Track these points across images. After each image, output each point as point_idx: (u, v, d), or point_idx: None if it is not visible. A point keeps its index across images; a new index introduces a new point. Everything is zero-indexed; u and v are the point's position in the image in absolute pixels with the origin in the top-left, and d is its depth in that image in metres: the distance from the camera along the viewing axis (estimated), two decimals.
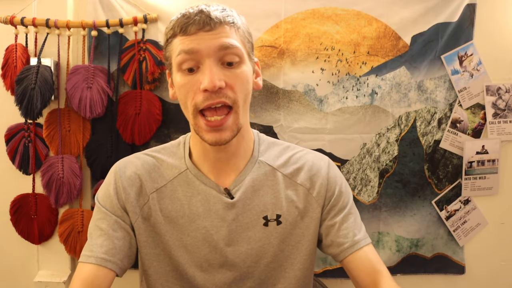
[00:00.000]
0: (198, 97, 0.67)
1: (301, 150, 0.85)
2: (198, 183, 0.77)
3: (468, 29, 1.31)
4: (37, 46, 1.30)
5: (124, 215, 0.76)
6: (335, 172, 0.84)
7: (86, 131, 1.32)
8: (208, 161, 0.77)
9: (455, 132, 1.34)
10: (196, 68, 0.68)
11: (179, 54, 0.67)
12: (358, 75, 1.31)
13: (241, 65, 0.70)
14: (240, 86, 0.69)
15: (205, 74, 0.66)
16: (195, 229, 0.76)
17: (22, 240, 1.33)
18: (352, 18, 1.30)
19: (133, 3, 1.30)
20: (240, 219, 0.77)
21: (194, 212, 0.76)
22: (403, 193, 1.34)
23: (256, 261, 0.78)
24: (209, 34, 0.66)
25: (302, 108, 1.31)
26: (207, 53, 0.66)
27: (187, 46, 0.66)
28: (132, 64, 1.29)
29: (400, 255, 1.36)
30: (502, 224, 1.38)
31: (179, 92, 0.71)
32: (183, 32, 0.67)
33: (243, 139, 0.78)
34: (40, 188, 1.31)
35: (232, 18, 0.69)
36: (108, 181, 0.79)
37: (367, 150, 1.33)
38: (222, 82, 0.66)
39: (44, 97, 1.22)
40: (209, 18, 0.66)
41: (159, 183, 0.78)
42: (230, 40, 0.67)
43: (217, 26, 0.67)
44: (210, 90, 0.65)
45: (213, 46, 0.66)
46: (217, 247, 0.76)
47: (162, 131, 1.32)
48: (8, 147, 1.31)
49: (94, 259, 0.70)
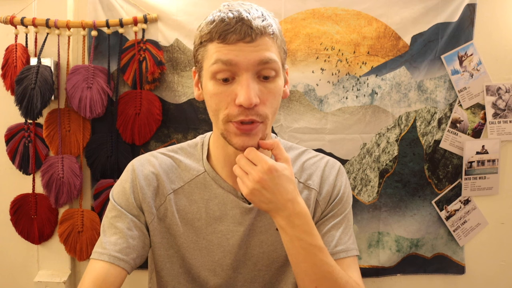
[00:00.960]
0: (232, 109, 0.65)
1: (316, 155, 0.86)
2: (216, 186, 0.77)
3: (468, 29, 1.31)
4: (37, 46, 1.30)
5: (140, 215, 0.75)
6: (342, 180, 0.85)
7: (86, 131, 1.32)
8: (228, 165, 0.76)
9: (455, 132, 1.34)
10: (231, 79, 0.65)
11: (215, 63, 0.65)
12: (358, 75, 1.31)
13: (276, 79, 0.68)
14: (272, 101, 0.68)
15: (241, 88, 0.64)
16: (211, 233, 0.76)
17: (22, 240, 1.33)
18: (352, 18, 1.30)
19: (133, 3, 1.30)
20: (255, 224, 0.77)
21: (210, 215, 0.76)
22: (403, 193, 1.34)
23: (267, 265, 0.78)
24: (249, 46, 0.63)
25: (302, 108, 1.31)
26: (246, 67, 0.64)
27: (226, 56, 0.64)
28: (132, 64, 1.29)
29: (400, 255, 1.36)
30: (502, 224, 1.38)
31: (211, 100, 0.68)
32: (221, 39, 0.64)
33: None
34: (40, 188, 1.31)
35: (272, 29, 0.66)
36: (124, 178, 0.77)
37: (367, 150, 1.33)
38: (257, 99, 0.64)
39: (44, 97, 1.22)
40: (250, 29, 0.63)
41: (176, 184, 0.77)
42: (270, 54, 0.65)
43: (257, 38, 0.64)
44: (246, 107, 0.64)
45: (252, 60, 0.63)
46: (231, 251, 0.77)
47: (162, 131, 1.32)
48: (8, 147, 1.31)
49: (107, 256, 0.69)
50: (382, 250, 1.35)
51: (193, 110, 1.30)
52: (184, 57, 1.30)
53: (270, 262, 0.78)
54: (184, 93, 1.31)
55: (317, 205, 0.81)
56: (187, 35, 1.28)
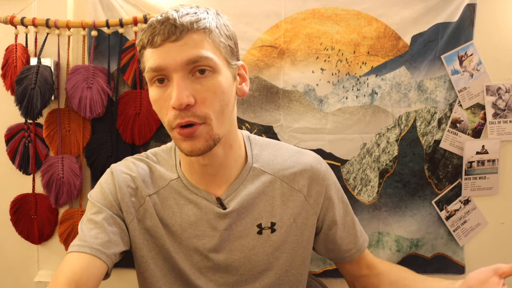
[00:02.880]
0: (170, 113, 0.64)
1: (297, 152, 0.82)
2: (189, 192, 0.75)
3: (468, 29, 1.31)
4: (37, 46, 1.30)
5: (119, 212, 0.73)
6: (332, 178, 0.82)
7: (86, 131, 1.32)
8: (195, 173, 0.75)
9: (455, 132, 1.34)
10: (166, 81, 0.64)
11: (147, 71, 0.64)
12: (358, 75, 1.31)
13: (214, 75, 0.64)
14: (213, 99, 0.64)
15: (172, 91, 0.62)
16: (186, 238, 0.75)
17: (22, 240, 1.34)
18: (352, 18, 1.30)
19: (133, 3, 1.30)
20: (233, 228, 0.75)
21: (185, 220, 0.74)
22: (403, 193, 1.34)
23: (249, 269, 0.76)
24: (176, 45, 0.61)
25: (302, 108, 1.31)
26: (174, 68, 0.61)
27: (154, 62, 0.62)
28: (132, 64, 1.29)
29: (400, 255, 1.36)
30: (502, 224, 1.38)
31: (154, 107, 0.68)
32: (150, 44, 0.63)
33: (231, 149, 0.74)
34: (40, 188, 1.32)
35: (203, 23, 0.62)
36: (103, 180, 0.76)
37: (367, 150, 1.33)
38: (190, 99, 0.61)
39: (44, 97, 1.22)
40: (174, 27, 0.61)
41: (151, 190, 0.75)
42: (200, 51, 0.61)
43: (183, 35, 0.61)
44: (178, 108, 0.61)
45: (179, 61, 0.61)
46: (209, 256, 0.75)
47: (162, 131, 1.32)
48: (8, 147, 1.32)
49: (89, 249, 0.66)
50: (382, 250, 1.35)
51: None
52: None
53: (252, 266, 0.76)
54: None
55: (308, 208, 0.78)
56: None
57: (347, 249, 0.84)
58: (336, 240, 0.83)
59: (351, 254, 0.84)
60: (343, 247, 0.83)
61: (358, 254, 0.85)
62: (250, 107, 1.31)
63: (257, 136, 0.83)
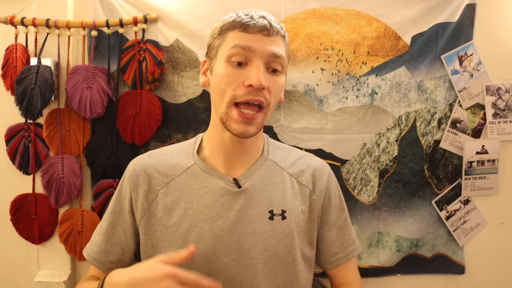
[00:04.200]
0: (240, 90, 0.72)
1: (306, 154, 0.93)
2: (206, 176, 0.82)
3: (468, 29, 1.31)
4: (37, 46, 1.30)
5: (130, 217, 0.84)
6: (334, 182, 0.91)
7: (86, 131, 1.32)
8: (222, 154, 0.82)
9: (455, 132, 1.34)
10: (244, 64, 0.73)
11: (234, 47, 0.72)
12: (358, 75, 1.31)
13: (281, 75, 0.77)
14: (276, 93, 0.76)
15: (253, 72, 0.71)
16: (201, 220, 0.79)
17: (22, 240, 1.33)
18: (352, 18, 1.30)
19: (133, 3, 1.30)
20: (246, 210, 0.80)
21: (201, 204, 0.80)
22: (403, 193, 1.34)
23: (260, 253, 0.80)
24: (266, 38, 0.73)
25: (302, 108, 1.31)
26: (261, 54, 0.72)
27: (245, 42, 0.72)
28: (132, 64, 1.29)
29: (400, 255, 1.36)
30: (502, 224, 1.38)
31: (220, 81, 0.74)
32: (243, 28, 0.73)
33: (257, 139, 0.85)
34: (40, 188, 1.31)
35: (284, 32, 0.78)
36: (122, 178, 0.88)
37: (367, 150, 1.33)
38: (267, 82, 0.72)
39: (44, 97, 1.22)
40: (269, 25, 0.73)
41: (168, 178, 0.83)
42: (281, 51, 0.75)
43: (273, 34, 0.74)
44: (256, 87, 0.71)
45: (267, 50, 0.73)
46: (223, 237, 0.78)
47: (162, 131, 1.32)
48: (8, 147, 1.31)
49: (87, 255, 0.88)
50: (382, 250, 1.35)
51: (193, 110, 1.30)
52: (184, 57, 1.30)
53: (263, 250, 0.80)
54: (184, 93, 1.31)
55: (312, 202, 0.85)
56: (187, 35, 1.28)
57: (334, 252, 0.88)
58: (326, 240, 0.88)
59: (338, 259, 0.88)
60: (331, 249, 0.88)
61: (344, 259, 0.88)
62: None
63: (272, 139, 0.95)
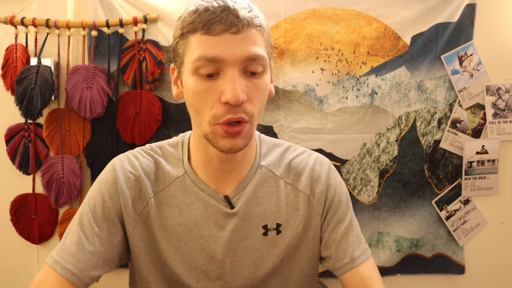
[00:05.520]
0: (218, 108, 0.60)
1: (302, 152, 0.80)
2: (197, 189, 0.72)
3: (468, 29, 1.31)
4: (37, 46, 1.30)
5: (116, 224, 0.70)
6: (335, 178, 0.80)
7: (86, 131, 1.32)
8: (209, 169, 0.72)
9: (455, 132, 1.34)
10: (216, 74, 0.60)
11: (198, 59, 0.59)
12: (358, 75, 1.31)
13: (263, 75, 0.63)
14: (259, 98, 0.63)
15: (227, 85, 0.58)
16: (192, 239, 0.72)
17: (22, 240, 1.33)
18: (352, 18, 1.30)
19: (133, 3, 1.30)
20: (239, 229, 0.72)
21: (192, 220, 0.72)
22: (403, 193, 1.34)
23: (254, 272, 0.74)
24: (236, 37, 0.58)
25: (302, 108, 1.31)
26: (232, 62, 0.58)
27: (210, 52, 0.58)
28: (132, 64, 1.29)
29: (400, 255, 1.35)
30: (502, 224, 1.38)
31: (194, 98, 0.62)
32: (205, 30, 0.58)
33: (249, 148, 0.73)
34: (40, 188, 1.31)
35: (259, 20, 0.61)
36: (104, 179, 0.71)
37: (367, 150, 1.33)
38: (244, 95, 0.59)
39: (44, 97, 1.22)
40: (237, 19, 0.58)
41: (156, 187, 0.73)
42: (258, 49, 0.60)
43: (244, 29, 0.59)
44: (233, 104, 0.58)
45: (239, 56, 0.58)
46: (214, 258, 0.72)
47: (162, 131, 1.32)
48: (8, 147, 1.31)
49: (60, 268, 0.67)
50: (382, 250, 1.35)
51: None
52: None
53: (256, 269, 0.73)
54: None
55: (311, 208, 0.76)
56: None
57: (340, 257, 0.76)
58: (330, 244, 0.77)
59: (344, 265, 0.75)
60: (337, 254, 0.76)
61: (351, 266, 0.75)
62: None
63: (267, 136, 0.82)
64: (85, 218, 0.69)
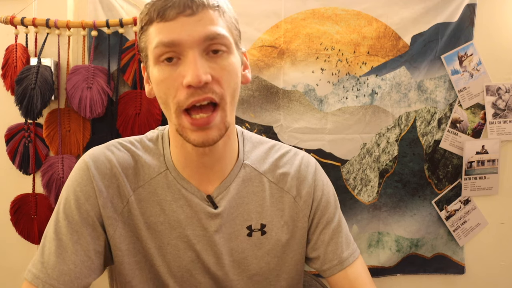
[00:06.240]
0: (181, 93, 0.58)
1: (288, 151, 0.77)
2: (179, 187, 0.68)
3: (468, 29, 1.31)
4: (37, 46, 1.30)
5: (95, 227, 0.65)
6: (322, 179, 0.77)
7: (86, 131, 1.32)
8: (189, 166, 0.68)
9: (455, 132, 1.34)
10: (177, 59, 0.58)
11: (156, 46, 0.58)
12: (358, 75, 1.31)
13: (229, 55, 0.60)
14: (228, 79, 0.60)
15: (188, 68, 0.56)
16: (176, 237, 0.68)
17: (22, 240, 1.33)
18: (352, 18, 1.30)
19: (133, 3, 1.30)
20: (223, 230, 0.70)
21: (174, 219, 0.68)
22: (403, 193, 1.34)
23: (238, 274, 0.71)
24: (191, 19, 0.57)
25: (302, 108, 1.31)
26: (190, 45, 0.56)
27: (167, 37, 0.57)
28: (132, 64, 1.29)
29: (400, 255, 1.36)
30: (502, 224, 1.38)
31: (158, 89, 0.60)
32: (160, 17, 0.57)
33: (229, 140, 0.69)
34: (40, 188, 1.31)
35: (216, 1, 0.59)
36: (77, 179, 0.65)
37: (367, 150, 1.33)
38: (208, 76, 0.57)
39: (44, 97, 1.22)
40: (190, 1, 0.56)
41: (136, 183, 0.68)
42: (217, 28, 0.58)
43: (199, 10, 0.57)
44: (195, 86, 0.56)
45: (197, 37, 0.56)
46: (199, 258, 0.69)
47: None
48: (8, 147, 1.31)
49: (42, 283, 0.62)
50: (382, 250, 1.35)
51: None
52: None
53: (241, 270, 0.71)
54: None
55: (297, 209, 0.74)
56: None
57: (328, 258, 0.75)
58: (318, 245, 0.76)
59: (332, 266, 0.74)
60: (325, 255, 0.75)
61: (340, 267, 0.74)
62: (250, 107, 1.31)
63: (251, 133, 0.79)
64: (62, 225, 0.64)
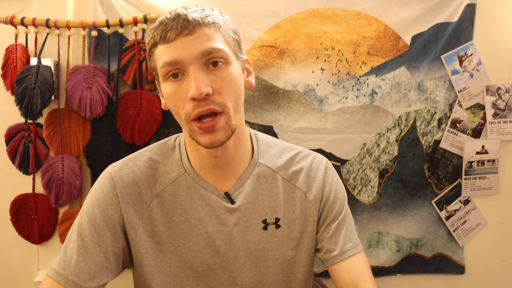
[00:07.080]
0: (188, 106, 0.65)
1: (301, 151, 0.84)
2: (198, 187, 0.75)
3: (468, 29, 1.31)
4: (37, 46, 1.30)
5: (116, 232, 0.72)
6: (332, 176, 0.83)
7: (86, 131, 1.32)
8: (205, 167, 0.75)
9: (455, 132, 1.34)
10: (181, 75, 0.66)
11: (162, 66, 0.66)
12: (358, 75, 1.31)
13: (227, 66, 0.67)
14: (228, 89, 0.67)
15: (191, 83, 0.64)
16: (197, 234, 0.75)
17: (22, 240, 1.33)
18: (352, 18, 1.30)
19: (133, 3, 1.30)
20: (240, 224, 0.76)
21: (195, 217, 0.75)
22: (403, 193, 1.34)
23: (256, 265, 0.77)
24: (189, 38, 0.64)
25: (302, 108, 1.31)
26: (190, 61, 0.64)
27: (169, 57, 0.65)
28: (132, 64, 1.29)
29: (400, 255, 1.36)
30: (502, 224, 1.38)
31: (169, 102, 0.69)
32: (162, 39, 0.65)
33: (240, 142, 0.76)
34: (40, 188, 1.31)
35: (212, 18, 0.67)
36: (102, 187, 0.73)
37: (367, 150, 1.33)
38: (208, 88, 0.64)
39: (44, 97, 1.22)
40: (186, 22, 0.64)
41: (157, 188, 0.75)
42: (213, 44, 0.65)
43: (196, 29, 0.65)
44: (197, 98, 0.63)
45: (195, 53, 0.64)
46: (219, 252, 0.75)
47: (162, 131, 1.32)
48: (8, 147, 1.31)
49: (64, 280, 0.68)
50: (382, 250, 1.35)
51: None
52: None
53: (258, 262, 0.77)
54: None
55: (308, 204, 0.80)
56: None
57: (330, 248, 0.79)
58: (324, 236, 0.80)
59: (334, 256, 0.79)
60: (328, 245, 0.80)
61: (341, 257, 0.78)
62: (250, 107, 1.31)
63: (265, 134, 0.85)
64: (84, 227, 0.71)
